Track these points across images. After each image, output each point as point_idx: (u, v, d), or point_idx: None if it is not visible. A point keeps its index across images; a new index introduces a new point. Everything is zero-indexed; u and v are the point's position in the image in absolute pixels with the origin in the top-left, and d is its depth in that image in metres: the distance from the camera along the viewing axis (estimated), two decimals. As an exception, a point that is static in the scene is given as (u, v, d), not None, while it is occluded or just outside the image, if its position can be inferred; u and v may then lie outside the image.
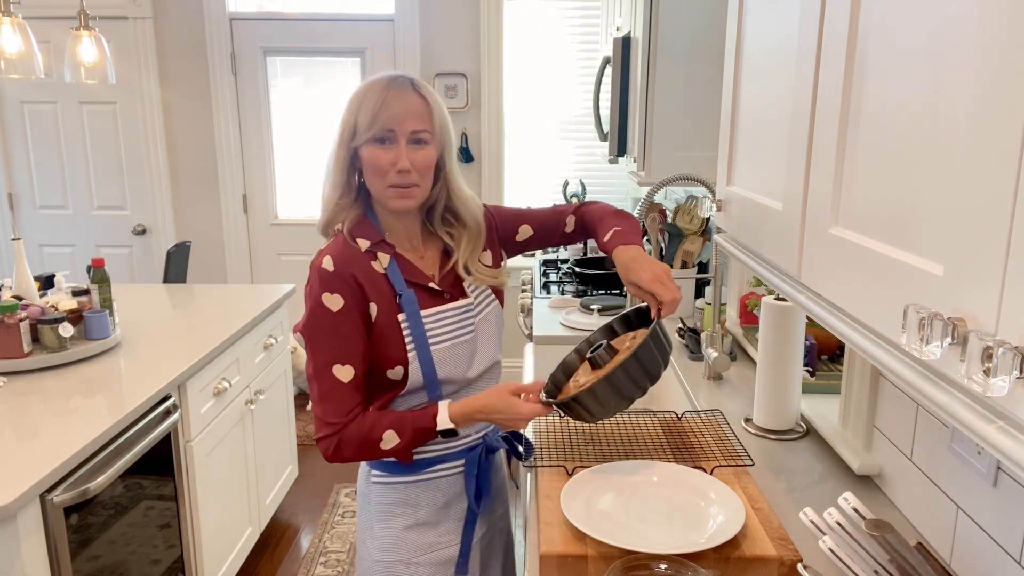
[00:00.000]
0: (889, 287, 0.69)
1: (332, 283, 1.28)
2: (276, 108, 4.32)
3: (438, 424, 1.27)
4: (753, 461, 1.45)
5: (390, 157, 1.28)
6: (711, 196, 1.67)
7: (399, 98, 1.28)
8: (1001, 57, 0.53)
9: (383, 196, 1.32)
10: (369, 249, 1.33)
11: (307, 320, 1.29)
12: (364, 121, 1.27)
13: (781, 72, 1.01)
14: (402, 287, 1.32)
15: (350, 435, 1.27)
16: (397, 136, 1.27)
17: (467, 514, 1.41)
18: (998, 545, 1.05)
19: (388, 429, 1.27)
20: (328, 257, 1.30)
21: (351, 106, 1.30)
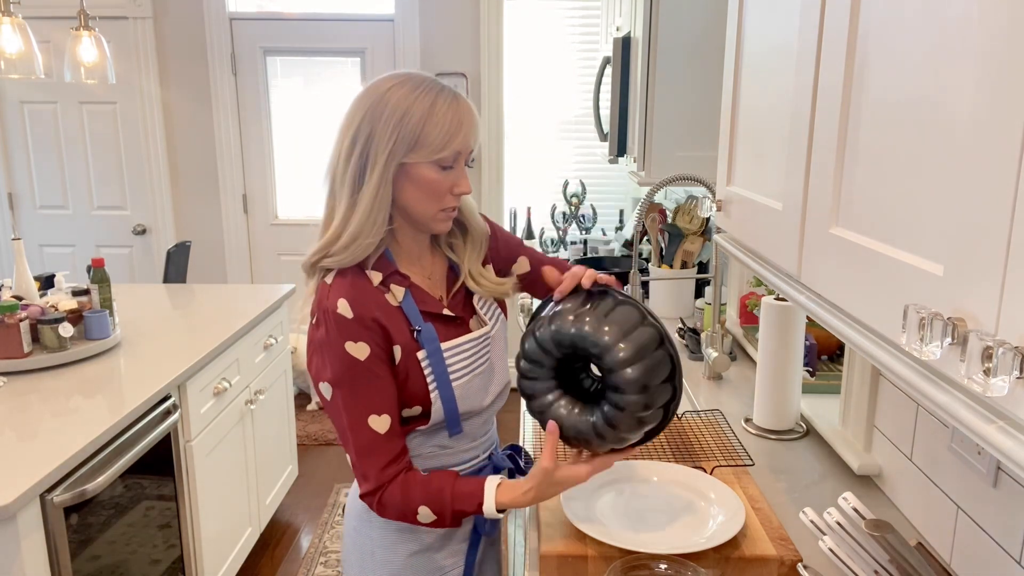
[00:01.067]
0: (889, 287, 0.69)
1: (353, 331, 1.14)
2: (276, 108, 4.32)
3: (484, 512, 1.16)
4: (753, 461, 1.45)
5: (450, 179, 1.16)
6: (711, 196, 1.67)
7: (471, 118, 1.15)
8: (1001, 57, 0.53)
9: (430, 218, 1.19)
10: (381, 283, 1.19)
11: (334, 369, 1.15)
12: (437, 139, 1.11)
13: (781, 72, 1.01)
14: (419, 321, 1.20)
15: (391, 497, 1.17)
16: (460, 159, 1.16)
17: (471, 536, 1.33)
18: (998, 545, 1.05)
19: (423, 505, 1.16)
20: (343, 301, 1.14)
21: (411, 113, 1.11)
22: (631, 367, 1.04)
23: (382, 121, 1.12)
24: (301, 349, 4.01)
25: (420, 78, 1.15)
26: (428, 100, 1.12)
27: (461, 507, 1.16)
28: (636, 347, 1.05)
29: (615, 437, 1.10)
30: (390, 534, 1.30)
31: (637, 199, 4.17)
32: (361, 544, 1.33)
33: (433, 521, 1.17)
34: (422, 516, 1.16)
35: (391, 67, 4.20)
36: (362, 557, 1.33)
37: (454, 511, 1.16)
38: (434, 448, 1.27)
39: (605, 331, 1.06)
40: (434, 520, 1.17)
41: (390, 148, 1.12)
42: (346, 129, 1.15)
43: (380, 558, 1.31)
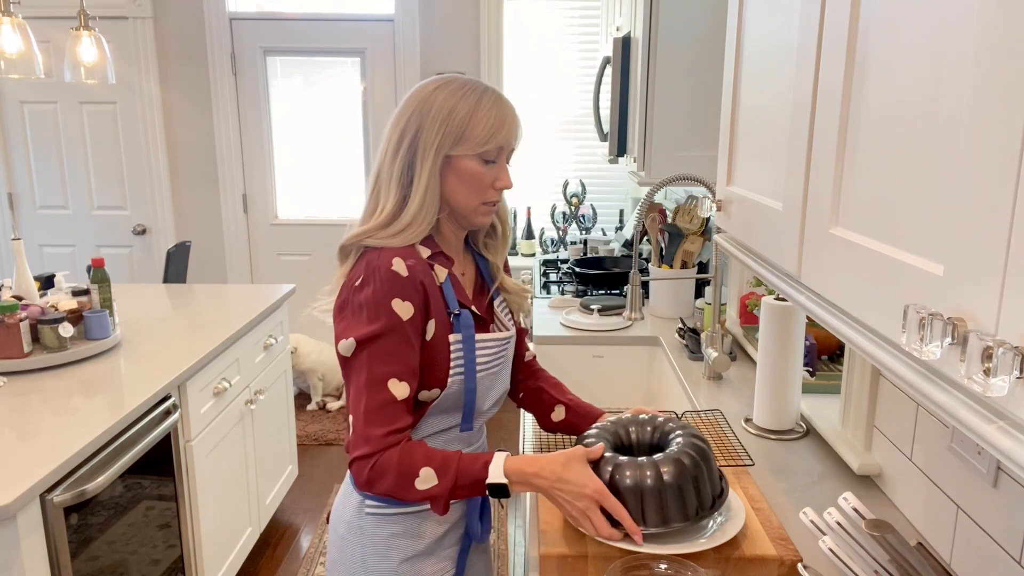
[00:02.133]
0: (889, 287, 0.69)
1: (405, 289, 1.15)
2: (276, 108, 4.32)
3: (489, 475, 1.11)
4: (753, 461, 1.45)
5: (493, 173, 1.23)
6: (711, 196, 1.67)
7: (514, 117, 1.23)
8: (1001, 57, 0.53)
9: (472, 210, 1.24)
10: (429, 259, 1.22)
11: (370, 323, 1.14)
12: (481, 133, 1.18)
13: (781, 72, 1.01)
14: (455, 305, 1.23)
15: (388, 460, 1.12)
16: (503, 154, 1.23)
17: (463, 542, 1.32)
18: (998, 545, 1.05)
19: (426, 466, 1.12)
20: (398, 259, 1.16)
21: (458, 109, 1.18)
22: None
23: (430, 117, 1.18)
24: (301, 349, 4.01)
25: (465, 79, 1.23)
26: (474, 98, 1.19)
27: (466, 467, 1.12)
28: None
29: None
30: (382, 540, 1.27)
31: (637, 199, 4.17)
32: (350, 553, 1.30)
33: (431, 488, 1.12)
34: (422, 478, 1.12)
35: (391, 67, 4.20)
36: (351, 567, 1.30)
37: (459, 472, 1.12)
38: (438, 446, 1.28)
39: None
40: (433, 486, 1.11)
41: (438, 141, 1.18)
42: (395, 127, 1.21)
43: (371, 565, 1.28)
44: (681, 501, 1.13)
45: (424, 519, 1.28)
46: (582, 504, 1.11)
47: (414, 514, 1.28)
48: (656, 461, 1.15)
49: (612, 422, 1.30)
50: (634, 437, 1.29)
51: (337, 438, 3.85)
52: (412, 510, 1.27)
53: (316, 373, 4.13)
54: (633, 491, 1.12)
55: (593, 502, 1.11)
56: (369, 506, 1.28)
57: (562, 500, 1.13)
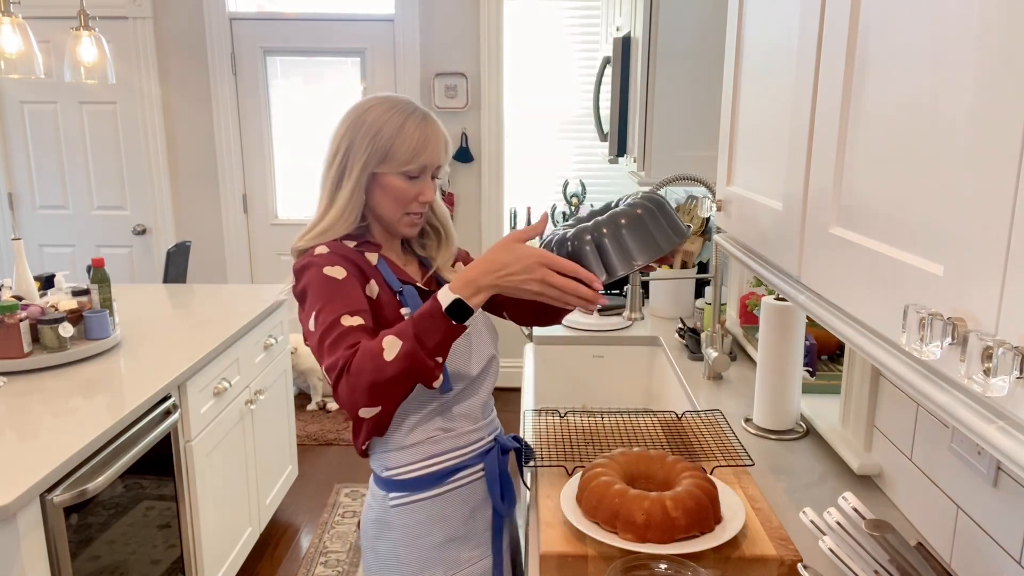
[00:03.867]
0: (889, 287, 0.69)
1: (330, 260, 1.26)
2: (276, 108, 4.32)
3: (441, 300, 1.12)
4: (753, 461, 1.45)
5: (416, 189, 1.31)
6: (711, 196, 1.67)
7: (437, 139, 1.31)
8: (1001, 57, 0.53)
9: (395, 222, 1.34)
10: (357, 247, 1.33)
11: (311, 292, 1.23)
12: (403, 153, 1.28)
13: (781, 72, 1.01)
14: (397, 284, 1.32)
15: (355, 359, 1.12)
16: (426, 172, 1.32)
17: (494, 521, 1.38)
18: (998, 545, 1.05)
19: (386, 336, 1.12)
20: (322, 247, 1.29)
21: (384, 130, 1.28)
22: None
23: (359, 135, 1.29)
24: (301, 349, 4.01)
25: (397, 100, 1.32)
26: (399, 119, 1.28)
27: (421, 313, 1.13)
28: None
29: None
30: (410, 530, 1.33)
31: (637, 199, 4.16)
32: (384, 552, 1.35)
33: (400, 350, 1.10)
34: (387, 349, 1.10)
35: (391, 67, 4.20)
36: (385, 566, 1.35)
37: (415, 320, 1.12)
38: (437, 432, 1.33)
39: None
40: (400, 346, 1.10)
41: (364, 159, 1.29)
42: (332, 140, 1.33)
43: (404, 557, 1.33)
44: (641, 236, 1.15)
45: (449, 501, 1.34)
46: (536, 275, 1.11)
47: (436, 498, 1.33)
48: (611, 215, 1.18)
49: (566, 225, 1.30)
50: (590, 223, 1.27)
51: (337, 438, 3.85)
52: (432, 494, 1.32)
53: (316, 373, 4.13)
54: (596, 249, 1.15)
55: (543, 267, 1.11)
56: (393, 498, 1.33)
57: (516, 282, 1.12)
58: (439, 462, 1.33)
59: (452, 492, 1.34)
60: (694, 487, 1.18)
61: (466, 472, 1.36)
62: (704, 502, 1.16)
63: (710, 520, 1.17)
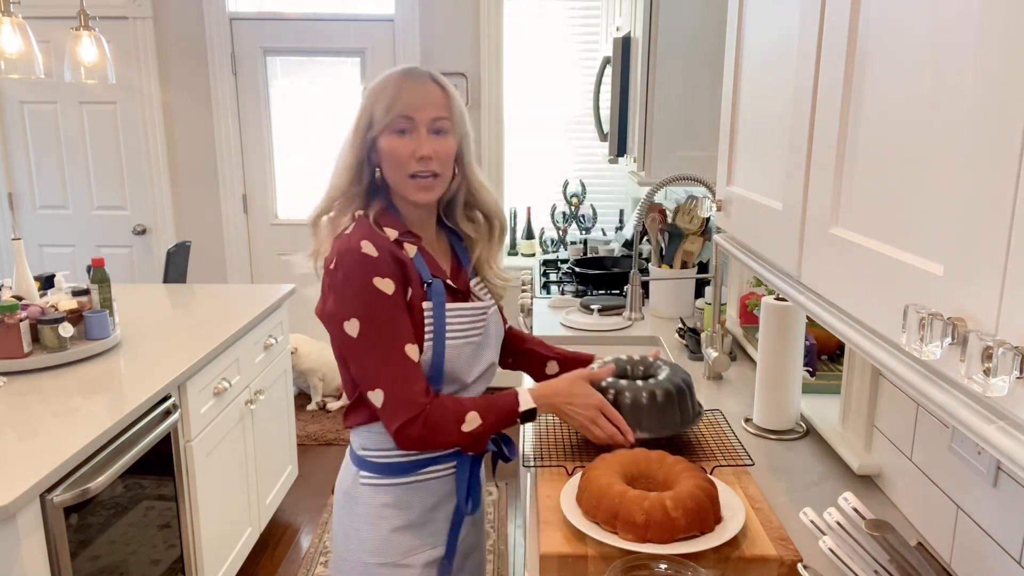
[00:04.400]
0: (889, 287, 0.69)
1: (380, 267, 1.24)
2: (276, 108, 4.32)
3: (520, 404, 1.28)
4: (753, 461, 1.45)
5: (410, 146, 1.26)
6: (711, 196, 1.67)
7: (417, 87, 1.27)
8: (1001, 56, 0.53)
9: (404, 187, 1.29)
10: (397, 239, 1.30)
11: (365, 305, 1.23)
12: (381, 110, 1.26)
13: (781, 71, 1.01)
14: (429, 276, 1.31)
15: (434, 415, 1.23)
16: (417, 124, 1.26)
17: (454, 516, 1.40)
18: (998, 545, 1.05)
19: (471, 411, 1.25)
20: (366, 242, 1.25)
21: (368, 98, 1.29)
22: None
23: (358, 109, 1.30)
24: (301, 349, 4.01)
25: (398, 68, 1.31)
26: (382, 80, 1.29)
27: (501, 402, 1.28)
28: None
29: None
30: (373, 510, 1.36)
31: (637, 199, 4.17)
32: (347, 523, 1.41)
33: (476, 427, 1.25)
34: (468, 422, 1.25)
35: (391, 67, 4.17)
36: (348, 536, 1.41)
37: (497, 409, 1.27)
38: None
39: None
40: (478, 426, 1.25)
41: (355, 124, 1.30)
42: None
43: (364, 534, 1.38)
44: (666, 414, 1.43)
45: (414, 491, 1.36)
46: (590, 413, 1.33)
47: (405, 485, 1.36)
48: (650, 385, 1.44)
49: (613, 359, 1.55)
50: (629, 369, 1.54)
51: (337, 438, 3.85)
52: (400, 481, 1.36)
53: (316, 373, 4.13)
54: (632, 407, 1.41)
55: (598, 411, 1.34)
56: (363, 476, 1.37)
57: (573, 411, 1.33)
58: (413, 453, 1.35)
59: (420, 483, 1.36)
60: (694, 487, 1.18)
61: (437, 467, 1.37)
62: (704, 502, 1.16)
63: (710, 520, 1.17)
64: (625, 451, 1.33)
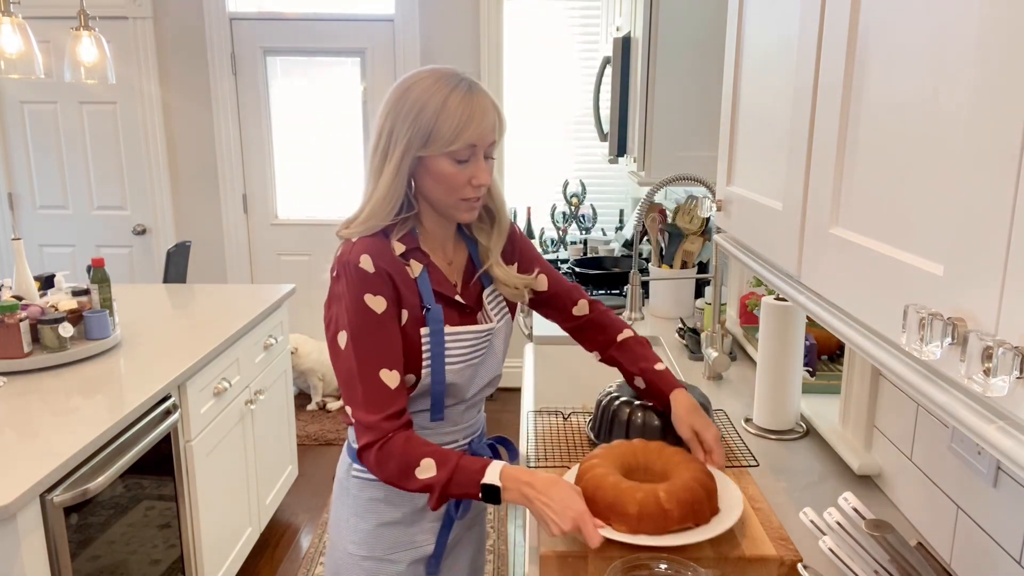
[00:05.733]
0: (889, 287, 0.69)
1: (374, 284, 1.21)
2: (276, 108, 4.32)
3: (486, 477, 1.15)
4: (757, 462, 1.45)
5: (468, 172, 1.20)
6: (711, 196, 1.67)
7: (485, 112, 1.19)
8: (1001, 56, 0.53)
9: (451, 209, 1.24)
10: (403, 254, 1.26)
11: (351, 320, 1.21)
12: (447, 132, 1.17)
13: (781, 71, 1.01)
14: (430, 300, 1.26)
15: (394, 448, 1.18)
16: (478, 152, 1.21)
17: (444, 518, 1.37)
18: (998, 545, 1.05)
19: (428, 457, 1.17)
20: (365, 256, 1.21)
21: (426, 109, 1.17)
22: None
23: (401, 116, 1.20)
24: (301, 349, 4.01)
25: (442, 72, 1.21)
26: (442, 95, 1.18)
27: (466, 464, 1.16)
28: None
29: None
30: (362, 503, 1.35)
31: (637, 199, 4.17)
32: (339, 511, 1.40)
33: (429, 478, 1.15)
34: (422, 467, 1.16)
35: (391, 67, 4.20)
36: (338, 523, 1.40)
37: (458, 465, 1.16)
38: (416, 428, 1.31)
39: None
40: (431, 477, 1.15)
41: (406, 142, 1.19)
42: (377, 123, 1.24)
43: (352, 525, 1.36)
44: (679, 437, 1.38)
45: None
46: (565, 525, 1.11)
47: None
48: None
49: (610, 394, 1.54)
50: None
51: (337, 438, 3.85)
52: None
53: (316, 373, 4.13)
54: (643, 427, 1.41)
55: (575, 524, 1.11)
56: (356, 469, 1.36)
57: (546, 513, 1.12)
58: None
59: None
60: (690, 479, 1.18)
61: None
62: (699, 494, 1.16)
63: (705, 512, 1.16)
64: (623, 442, 1.33)
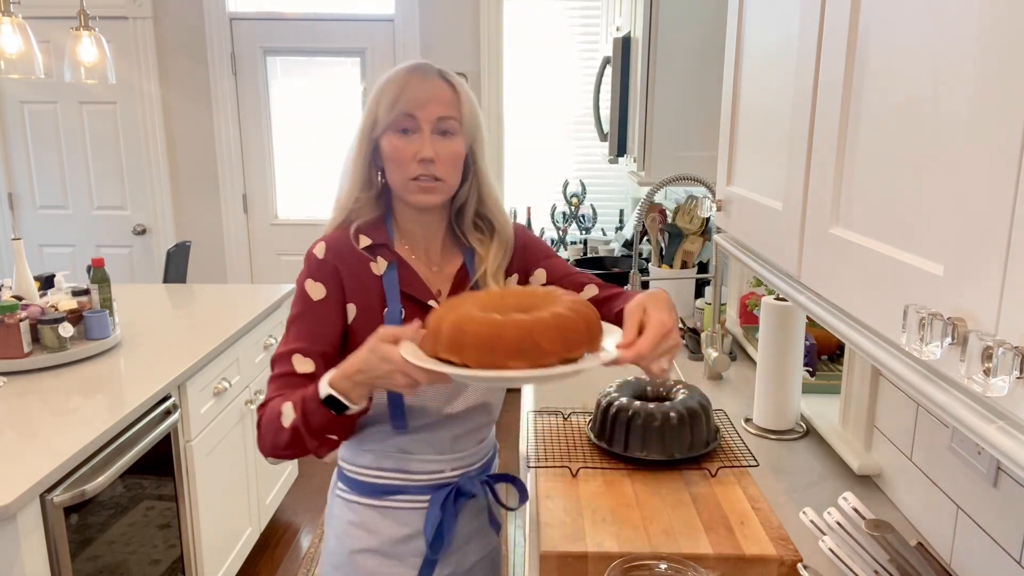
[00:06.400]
0: (889, 287, 0.69)
1: (318, 271, 1.19)
2: (276, 108, 4.32)
3: (320, 391, 1.06)
4: (758, 462, 1.45)
5: (412, 147, 1.17)
6: (711, 196, 1.67)
7: (422, 83, 1.18)
8: (1001, 56, 0.53)
9: (404, 190, 1.20)
10: (367, 248, 1.21)
11: (292, 304, 1.21)
12: (384, 107, 1.18)
13: (781, 71, 1.01)
14: (394, 300, 1.20)
15: (265, 420, 1.12)
16: (420, 124, 1.17)
17: (426, 553, 1.27)
18: (998, 545, 1.05)
19: (287, 402, 1.10)
20: (322, 244, 1.22)
21: (372, 96, 1.21)
22: None
23: (365, 109, 1.23)
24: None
25: (406, 63, 1.23)
26: (388, 76, 1.21)
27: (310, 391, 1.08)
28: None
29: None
30: (341, 526, 1.30)
31: (637, 199, 4.17)
32: (326, 529, 1.36)
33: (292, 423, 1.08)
34: (284, 415, 1.09)
35: (391, 67, 4.17)
36: (328, 538, 1.35)
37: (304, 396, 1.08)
38: (393, 449, 1.25)
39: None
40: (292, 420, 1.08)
41: (360, 128, 1.22)
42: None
43: (331, 547, 1.32)
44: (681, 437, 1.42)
45: (383, 516, 1.26)
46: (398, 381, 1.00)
47: (370, 507, 1.27)
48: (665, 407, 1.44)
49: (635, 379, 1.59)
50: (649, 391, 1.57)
51: (337, 438, 3.85)
52: (368, 502, 1.27)
53: (316, 373, 4.12)
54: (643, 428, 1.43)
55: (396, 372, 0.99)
56: (339, 489, 1.32)
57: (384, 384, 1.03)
58: (383, 477, 1.26)
59: (390, 510, 1.27)
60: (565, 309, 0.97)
61: (408, 498, 1.26)
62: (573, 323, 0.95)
63: (581, 344, 0.96)
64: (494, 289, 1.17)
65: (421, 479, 1.26)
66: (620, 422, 1.44)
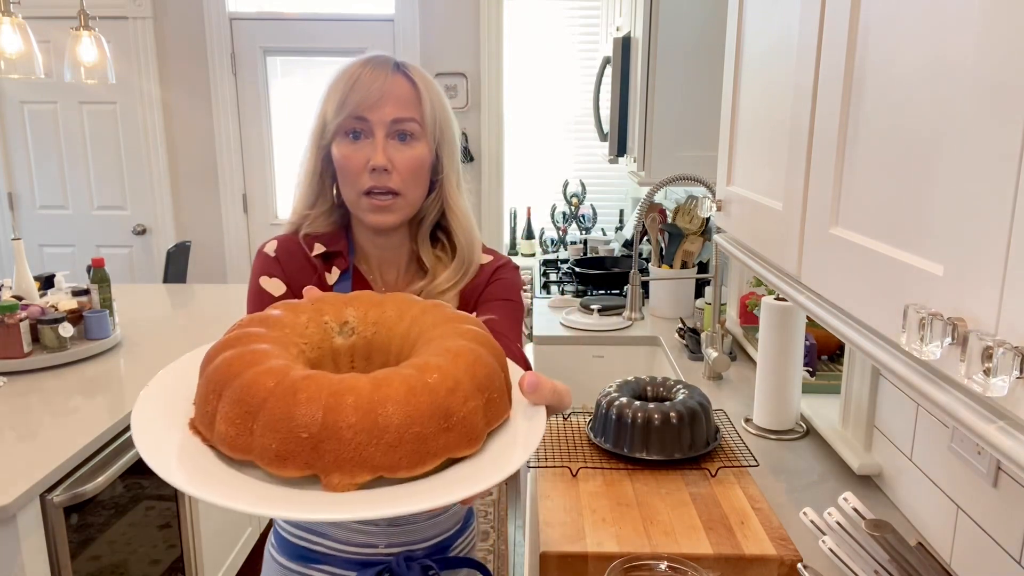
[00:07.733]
0: (889, 287, 0.69)
1: (271, 266, 1.07)
2: (276, 108, 4.32)
3: None
4: (757, 462, 1.45)
5: (363, 154, 1.01)
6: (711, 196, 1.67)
7: (375, 79, 1.00)
8: (1001, 55, 0.53)
9: (356, 207, 1.05)
10: (320, 256, 1.09)
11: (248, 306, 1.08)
12: (332, 109, 1.01)
13: (781, 71, 1.01)
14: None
15: None
16: (372, 127, 1.01)
17: None
18: (998, 545, 1.05)
19: None
20: (272, 241, 1.10)
21: (322, 95, 1.05)
22: None
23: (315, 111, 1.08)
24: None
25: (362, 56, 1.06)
26: (339, 70, 1.05)
27: None
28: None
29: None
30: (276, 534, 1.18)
31: (637, 199, 4.17)
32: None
33: None
34: None
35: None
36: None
37: None
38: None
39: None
40: None
41: (312, 130, 1.07)
42: None
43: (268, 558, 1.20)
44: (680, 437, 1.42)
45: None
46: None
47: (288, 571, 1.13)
48: (664, 407, 1.44)
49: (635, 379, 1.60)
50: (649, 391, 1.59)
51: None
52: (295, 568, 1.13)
53: (316, 373, 4.12)
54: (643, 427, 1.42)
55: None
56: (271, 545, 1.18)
57: None
58: (309, 541, 1.11)
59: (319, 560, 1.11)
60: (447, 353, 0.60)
61: (335, 571, 1.11)
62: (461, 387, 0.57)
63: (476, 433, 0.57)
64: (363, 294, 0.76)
65: (348, 551, 1.10)
66: (620, 422, 1.44)
